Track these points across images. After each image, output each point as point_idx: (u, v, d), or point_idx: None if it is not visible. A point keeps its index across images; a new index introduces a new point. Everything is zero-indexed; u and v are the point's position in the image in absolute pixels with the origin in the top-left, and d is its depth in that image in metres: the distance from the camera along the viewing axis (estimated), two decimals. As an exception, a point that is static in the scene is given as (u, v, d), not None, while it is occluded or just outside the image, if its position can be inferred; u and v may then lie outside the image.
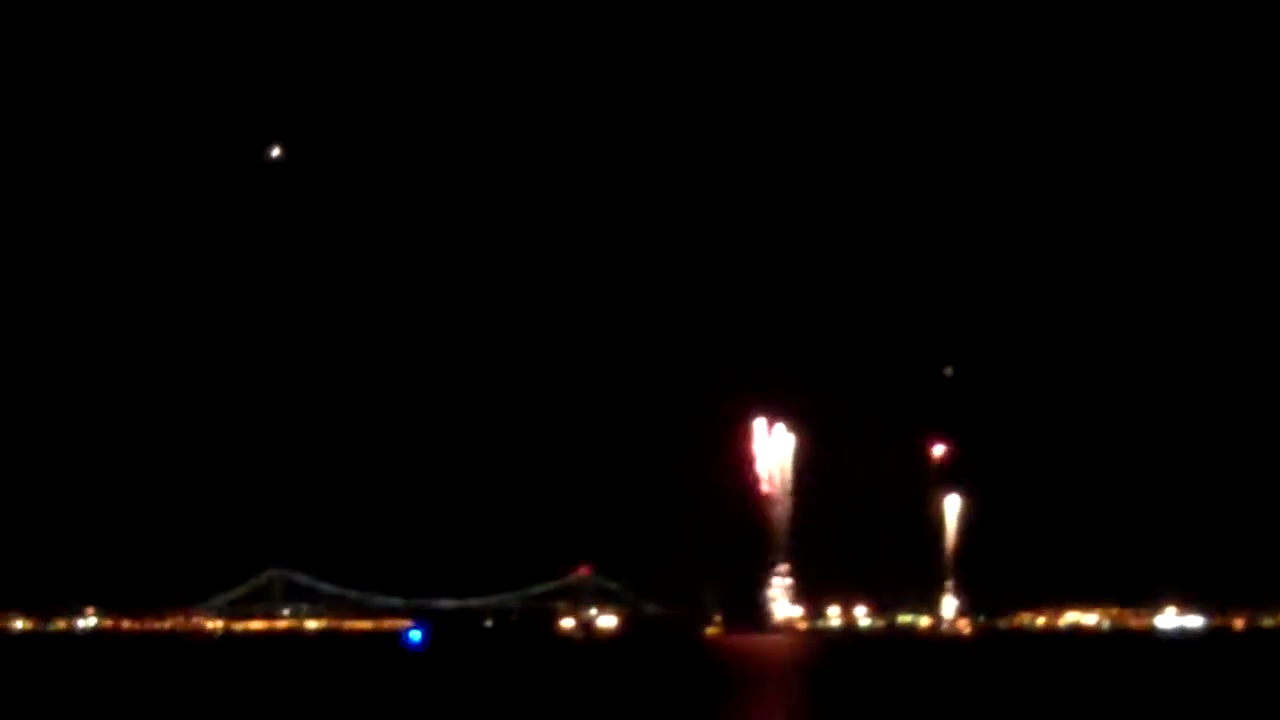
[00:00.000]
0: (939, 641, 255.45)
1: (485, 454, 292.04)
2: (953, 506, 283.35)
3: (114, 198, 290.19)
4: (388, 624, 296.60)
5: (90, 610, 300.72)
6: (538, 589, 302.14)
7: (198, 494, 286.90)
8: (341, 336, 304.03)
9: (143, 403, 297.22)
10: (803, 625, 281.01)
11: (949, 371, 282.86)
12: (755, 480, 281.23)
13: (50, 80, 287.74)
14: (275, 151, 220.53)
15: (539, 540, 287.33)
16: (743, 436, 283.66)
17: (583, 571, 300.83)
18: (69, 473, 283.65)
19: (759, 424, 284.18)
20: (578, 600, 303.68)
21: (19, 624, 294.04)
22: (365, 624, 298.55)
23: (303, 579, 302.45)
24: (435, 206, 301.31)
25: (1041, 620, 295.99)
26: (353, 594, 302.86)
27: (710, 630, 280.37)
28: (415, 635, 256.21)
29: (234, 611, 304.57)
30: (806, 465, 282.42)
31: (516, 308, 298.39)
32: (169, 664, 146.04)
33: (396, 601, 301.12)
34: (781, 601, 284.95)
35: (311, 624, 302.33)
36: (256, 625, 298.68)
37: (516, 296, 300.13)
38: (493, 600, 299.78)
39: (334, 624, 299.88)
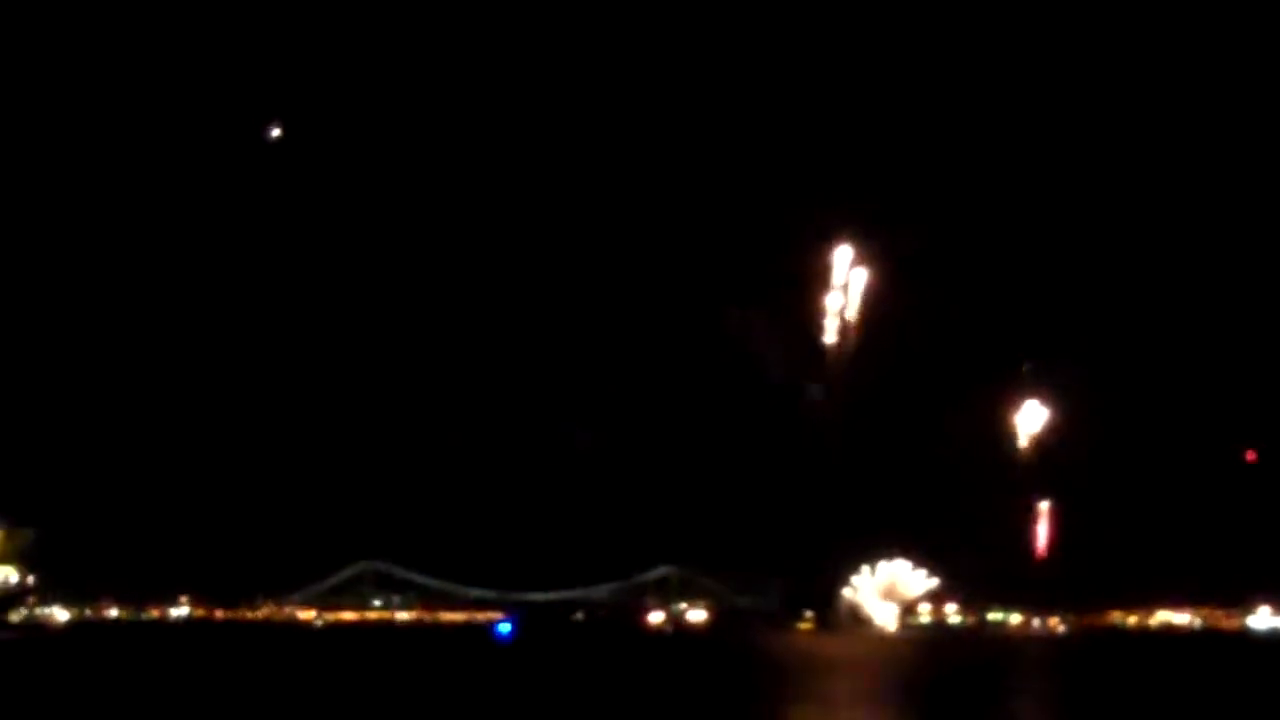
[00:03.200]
0: (1031, 640, 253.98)
1: (578, 446, 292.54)
2: (1044, 503, 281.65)
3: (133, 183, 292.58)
4: (479, 616, 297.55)
5: (184, 599, 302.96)
6: (629, 582, 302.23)
7: (292, 485, 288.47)
8: (431, 327, 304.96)
9: (237, 394, 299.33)
10: (893, 623, 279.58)
11: (1028, 368, 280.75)
12: (847, 468, 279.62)
13: (48, 63, 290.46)
14: (275, 131, 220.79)
15: (630, 533, 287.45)
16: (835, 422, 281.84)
17: (673, 565, 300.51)
18: (165, 463, 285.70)
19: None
20: (668, 594, 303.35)
21: (113, 612, 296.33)
22: (456, 616, 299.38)
23: (395, 570, 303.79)
24: (486, 182, 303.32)
25: (1133, 619, 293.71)
26: (444, 585, 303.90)
27: (802, 626, 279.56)
28: (505, 628, 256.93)
29: (325, 602, 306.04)
30: (894, 459, 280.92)
31: (610, 300, 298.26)
32: (264, 653, 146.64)
33: (488, 593, 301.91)
34: (872, 598, 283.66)
35: (402, 615, 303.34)
36: (348, 616, 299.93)
37: (609, 292, 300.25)
38: (583, 593, 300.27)
39: (425, 616, 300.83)
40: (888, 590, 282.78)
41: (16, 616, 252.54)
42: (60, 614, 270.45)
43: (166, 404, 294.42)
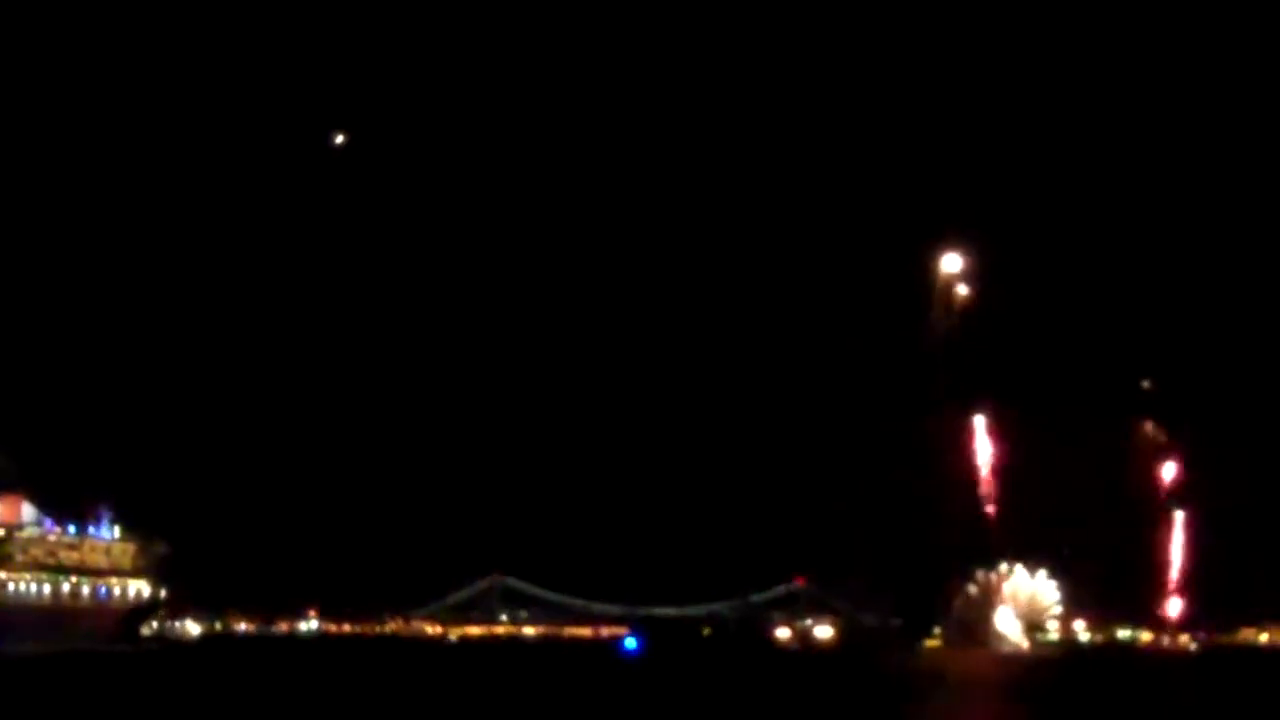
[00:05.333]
0: (1161, 657, 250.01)
1: (705, 462, 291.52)
2: (1175, 520, 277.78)
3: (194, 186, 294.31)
4: (605, 631, 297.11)
5: (312, 613, 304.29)
6: (755, 598, 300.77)
7: (420, 500, 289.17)
8: (559, 348, 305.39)
9: (367, 412, 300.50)
10: (1023, 640, 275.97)
11: (1147, 384, 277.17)
12: (976, 484, 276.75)
13: (116, 64, 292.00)
14: (339, 138, 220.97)
15: (757, 549, 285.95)
16: (964, 438, 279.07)
17: (800, 581, 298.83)
18: (295, 478, 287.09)
19: (979, 422, 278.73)
20: (794, 610, 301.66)
21: (242, 626, 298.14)
22: (583, 631, 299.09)
23: (521, 586, 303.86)
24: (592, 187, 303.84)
25: (1265, 637, 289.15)
26: (569, 601, 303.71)
27: (930, 643, 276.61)
28: (631, 643, 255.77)
29: (452, 617, 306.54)
30: (1021, 479, 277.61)
31: (741, 316, 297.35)
32: (396, 668, 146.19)
33: (614, 609, 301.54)
34: (1001, 614, 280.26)
35: (529, 630, 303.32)
36: (474, 631, 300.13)
37: (742, 304, 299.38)
38: (710, 609, 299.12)
39: (551, 630, 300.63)
40: (1017, 606, 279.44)
41: (148, 630, 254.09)
42: (192, 627, 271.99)
43: (297, 420, 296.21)
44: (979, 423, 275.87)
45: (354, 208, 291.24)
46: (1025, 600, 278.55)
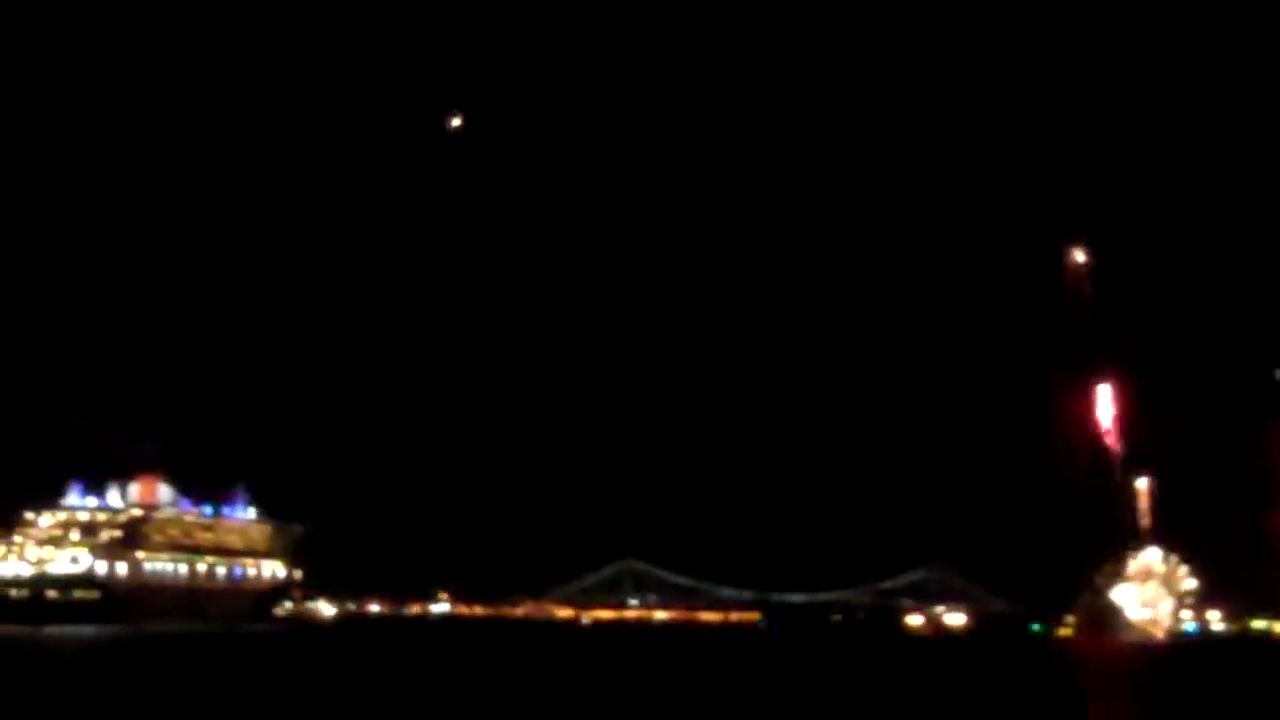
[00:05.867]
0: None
1: (837, 449, 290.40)
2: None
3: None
4: (735, 616, 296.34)
5: (444, 595, 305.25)
6: (886, 585, 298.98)
7: (552, 484, 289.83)
8: (686, 333, 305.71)
9: (499, 397, 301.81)
10: (1158, 629, 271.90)
11: None
12: (1111, 471, 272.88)
13: (238, 56, 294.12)
14: (455, 121, 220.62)
15: (888, 536, 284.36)
16: (1100, 427, 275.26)
17: (930, 568, 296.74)
18: (428, 463, 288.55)
19: (1114, 409, 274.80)
20: (925, 597, 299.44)
21: (375, 608, 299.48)
22: (713, 616, 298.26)
23: (652, 570, 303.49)
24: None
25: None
26: (701, 586, 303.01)
27: (1062, 631, 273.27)
28: (763, 627, 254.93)
29: (582, 600, 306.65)
30: (1159, 467, 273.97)
31: (874, 304, 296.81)
32: (536, 650, 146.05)
33: (744, 594, 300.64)
34: (1131, 603, 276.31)
35: (659, 614, 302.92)
36: (605, 614, 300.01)
37: (875, 294, 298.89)
38: (840, 595, 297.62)
39: (682, 615, 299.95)
40: (1149, 594, 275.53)
41: (282, 610, 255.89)
42: (326, 608, 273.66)
43: (431, 404, 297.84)
44: (1114, 410, 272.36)
45: (467, 204, 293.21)
46: (1158, 588, 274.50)
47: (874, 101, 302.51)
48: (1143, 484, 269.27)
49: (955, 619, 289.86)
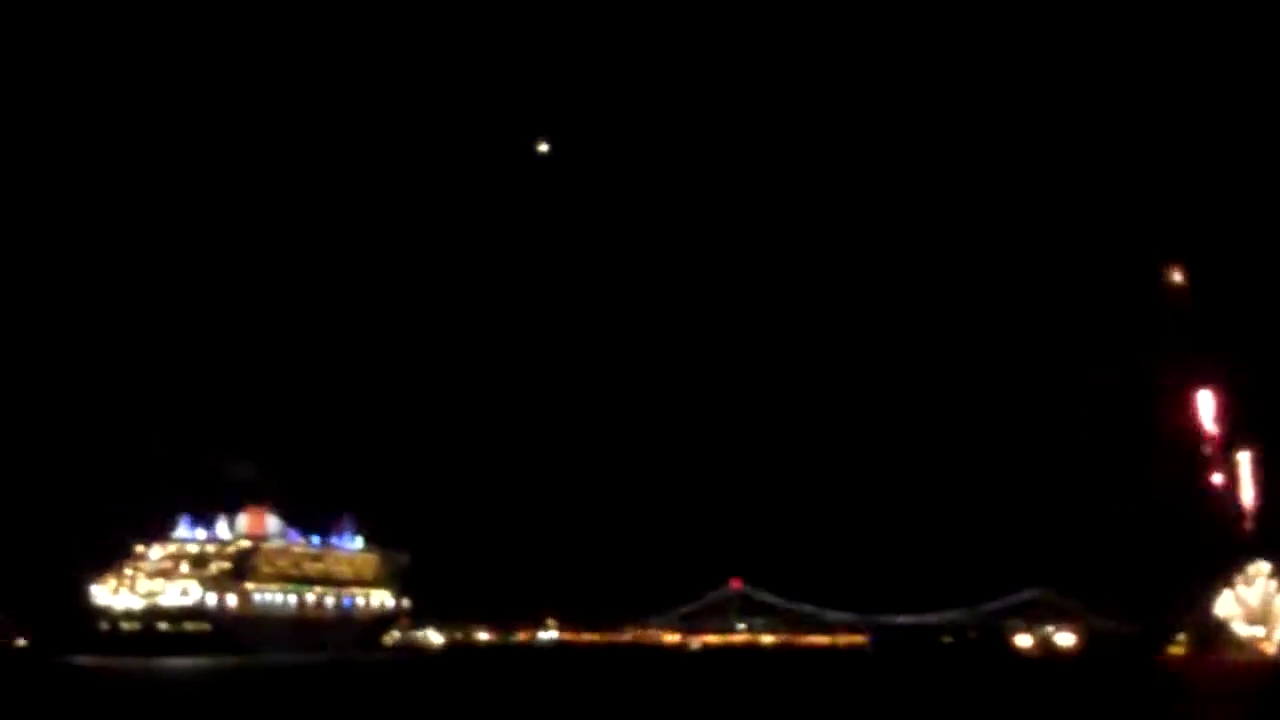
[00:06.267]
0: None
1: (946, 471, 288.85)
2: None
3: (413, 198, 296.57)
4: (842, 639, 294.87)
5: (551, 622, 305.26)
6: (993, 605, 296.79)
7: (656, 509, 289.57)
8: (794, 361, 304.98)
9: (604, 424, 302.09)
10: (1270, 646, 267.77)
11: None
12: (1221, 487, 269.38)
13: (332, 75, 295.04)
14: (543, 146, 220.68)
15: (995, 556, 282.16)
16: (1209, 441, 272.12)
17: (1039, 588, 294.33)
18: (534, 490, 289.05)
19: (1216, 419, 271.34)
20: (1034, 617, 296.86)
21: (483, 635, 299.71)
22: (820, 639, 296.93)
23: (757, 593, 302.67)
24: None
25: None
26: (806, 609, 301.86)
27: (1173, 649, 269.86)
28: (869, 650, 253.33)
29: (689, 625, 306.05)
30: (1268, 480, 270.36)
31: (973, 329, 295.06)
32: (644, 676, 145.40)
33: (851, 617, 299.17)
34: (1241, 620, 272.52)
35: (766, 638, 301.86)
36: (711, 639, 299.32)
37: (975, 318, 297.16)
38: (947, 616, 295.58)
39: (789, 639, 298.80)
40: (1260, 611, 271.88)
41: (391, 639, 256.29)
42: (434, 637, 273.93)
43: (537, 434, 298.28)
44: (1216, 419, 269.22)
45: (558, 226, 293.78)
46: (1268, 604, 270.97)
47: (982, 124, 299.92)
48: (1249, 498, 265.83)
49: (1065, 639, 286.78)
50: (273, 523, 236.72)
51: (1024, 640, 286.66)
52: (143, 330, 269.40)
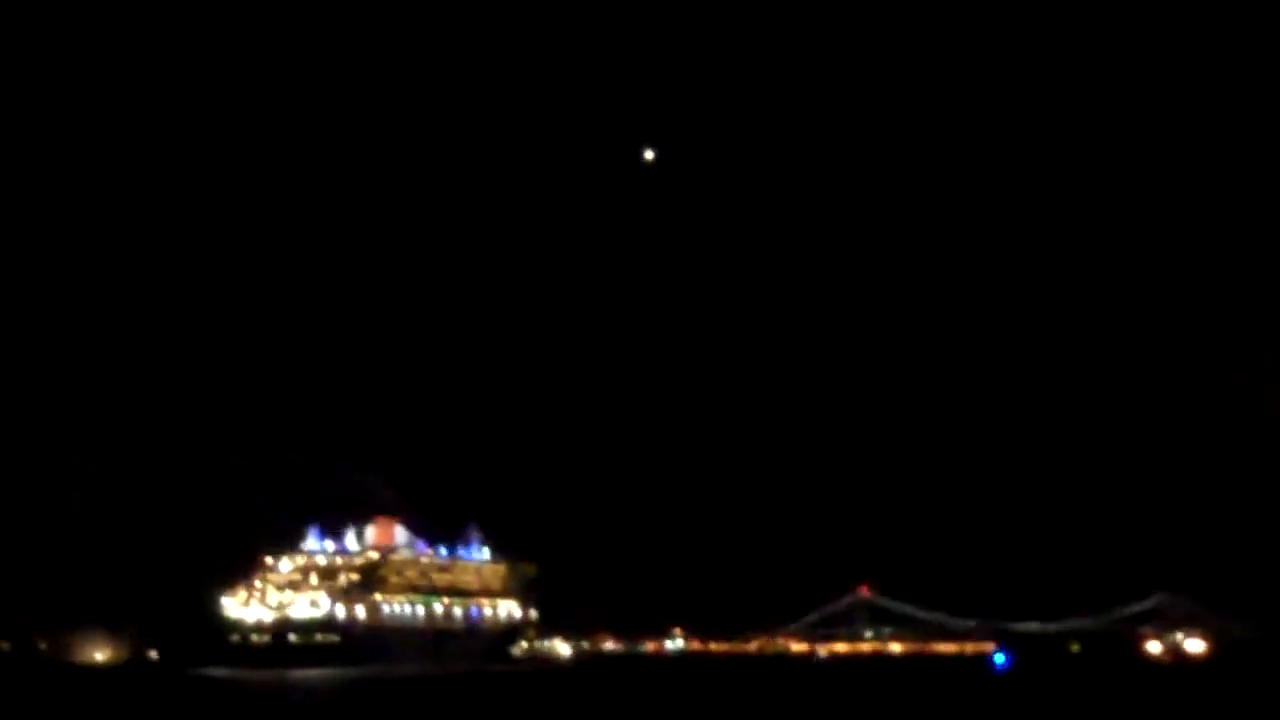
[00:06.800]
0: None
1: (1074, 476, 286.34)
2: None
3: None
4: (971, 647, 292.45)
5: (678, 631, 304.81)
6: (1122, 612, 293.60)
7: (782, 517, 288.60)
8: (916, 364, 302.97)
9: (730, 433, 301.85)
10: None
11: None
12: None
13: (436, 87, 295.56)
14: (649, 154, 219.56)
15: (1123, 561, 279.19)
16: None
17: (1167, 594, 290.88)
18: (659, 499, 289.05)
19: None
20: (1164, 623, 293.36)
21: (610, 645, 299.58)
22: (949, 647, 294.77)
23: (885, 601, 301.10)
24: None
25: None
26: (935, 617, 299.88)
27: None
28: (1000, 659, 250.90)
29: (817, 634, 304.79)
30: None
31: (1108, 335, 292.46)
32: (774, 686, 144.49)
33: (977, 624, 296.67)
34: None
35: (895, 647, 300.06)
36: (840, 648, 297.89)
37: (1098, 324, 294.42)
38: (1077, 624, 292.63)
39: (917, 647, 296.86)
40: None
41: (519, 650, 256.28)
42: (562, 647, 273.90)
43: (659, 443, 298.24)
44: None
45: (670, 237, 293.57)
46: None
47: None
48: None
49: (1195, 646, 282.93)
50: (401, 534, 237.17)
51: (1153, 647, 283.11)
52: (272, 344, 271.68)
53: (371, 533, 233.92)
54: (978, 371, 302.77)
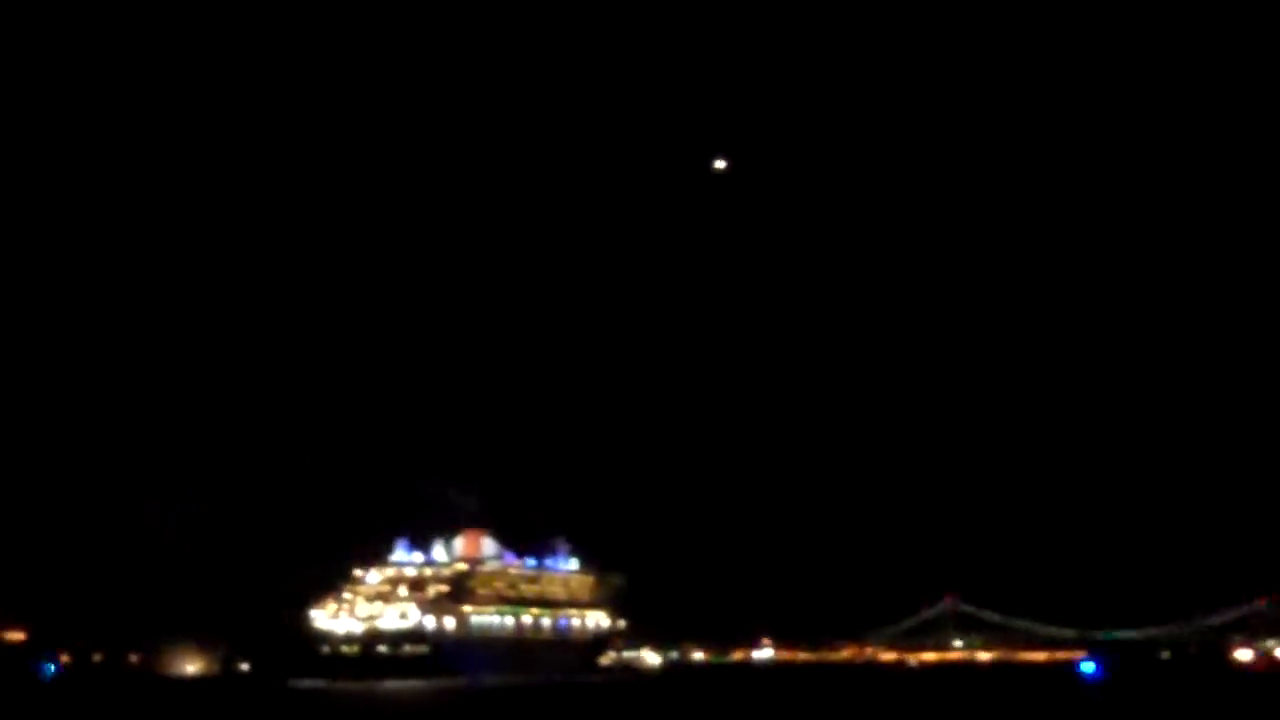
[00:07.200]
0: None
1: (1164, 484, 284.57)
2: None
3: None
4: (1060, 655, 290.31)
5: (766, 640, 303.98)
6: (1213, 619, 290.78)
7: (870, 527, 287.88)
8: (1004, 376, 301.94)
9: (816, 442, 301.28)
10: None
11: None
12: None
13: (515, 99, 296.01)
14: (720, 163, 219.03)
15: (1214, 569, 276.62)
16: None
17: (1259, 600, 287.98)
18: (746, 508, 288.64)
19: None
20: (1255, 631, 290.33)
21: (698, 655, 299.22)
22: (1038, 655, 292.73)
23: (974, 609, 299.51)
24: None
25: None
26: (1024, 624, 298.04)
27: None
28: (1089, 667, 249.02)
29: (905, 642, 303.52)
30: None
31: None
32: (866, 695, 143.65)
33: (1069, 633, 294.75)
34: None
35: (983, 655, 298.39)
36: (928, 656, 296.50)
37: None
38: (1167, 631, 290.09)
39: (1006, 655, 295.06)
40: None
41: (607, 660, 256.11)
42: (650, 657, 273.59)
43: (745, 451, 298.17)
44: None
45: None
46: None
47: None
48: None
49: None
50: (489, 545, 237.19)
51: (1244, 654, 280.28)
52: (361, 358, 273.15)
53: (460, 544, 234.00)
54: (1073, 381, 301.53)
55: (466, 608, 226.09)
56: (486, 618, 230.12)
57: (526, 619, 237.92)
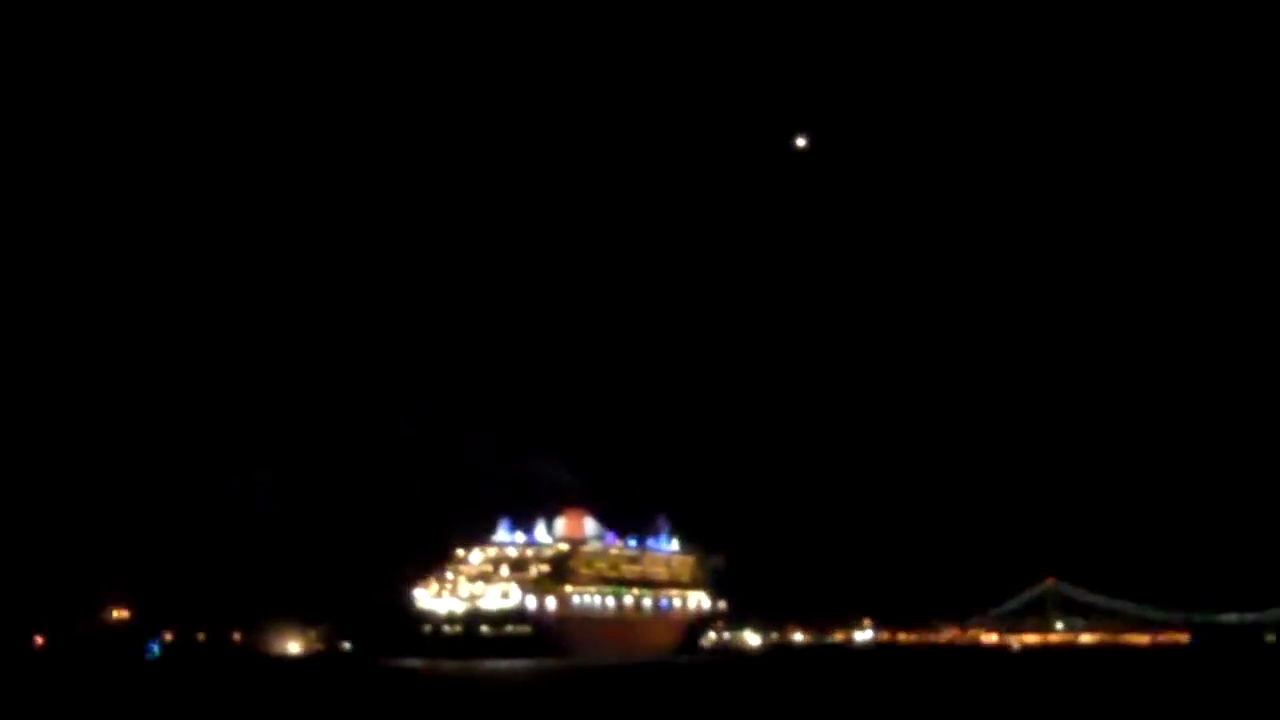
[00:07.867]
0: None
1: (1261, 462, 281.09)
2: None
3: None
4: (1164, 638, 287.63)
5: (867, 622, 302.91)
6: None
7: (971, 508, 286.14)
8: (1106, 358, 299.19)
9: (921, 426, 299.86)
10: None
11: None
12: None
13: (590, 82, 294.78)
14: (801, 141, 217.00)
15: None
16: None
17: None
18: (848, 490, 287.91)
19: None
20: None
21: (798, 636, 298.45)
22: (1140, 638, 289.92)
23: (1075, 591, 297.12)
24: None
25: None
26: (1126, 607, 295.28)
27: None
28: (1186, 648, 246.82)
29: (1007, 625, 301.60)
30: None
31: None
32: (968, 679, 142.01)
33: (1171, 615, 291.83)
34: None
35: (1085, 638, 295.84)
36: (1030, 639, 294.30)
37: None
38: (1273, 614, 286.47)
39: (1108, 638, 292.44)
40: None
41: (708, 641, 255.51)
42: (751, 638, 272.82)
43: (849, 433, 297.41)
44: None
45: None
46: None
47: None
48: None
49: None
50: (590, 525, 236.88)
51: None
52: (462, 340, 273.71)
53: (561, 524, 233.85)
54: (1177, 366, 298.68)
55: (568, 588, 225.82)
56: (588, 598, 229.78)
57: (628, 599, 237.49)
